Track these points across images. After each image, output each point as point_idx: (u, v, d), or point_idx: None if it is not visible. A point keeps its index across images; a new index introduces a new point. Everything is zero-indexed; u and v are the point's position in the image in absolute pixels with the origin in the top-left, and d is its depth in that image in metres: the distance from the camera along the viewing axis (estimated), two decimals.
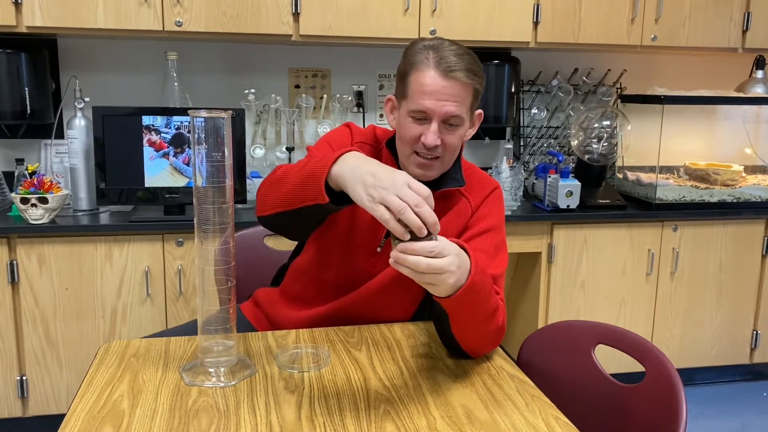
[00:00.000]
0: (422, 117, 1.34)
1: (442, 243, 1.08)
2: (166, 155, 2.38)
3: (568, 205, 2.63)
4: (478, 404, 1.14)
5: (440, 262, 1.06)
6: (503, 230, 1.46)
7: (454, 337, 1.27)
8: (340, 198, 1.13)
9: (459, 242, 1.16)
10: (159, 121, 2.35)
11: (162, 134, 2.36)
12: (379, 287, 1.45)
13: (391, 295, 1.46)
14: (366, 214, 1.45)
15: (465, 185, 1.45)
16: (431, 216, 1.03)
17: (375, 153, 1.48)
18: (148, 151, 2.36)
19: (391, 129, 1.49)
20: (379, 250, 1.46)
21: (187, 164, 2.39)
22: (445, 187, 1.43)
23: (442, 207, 1.45)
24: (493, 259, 1.38)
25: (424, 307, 1.55)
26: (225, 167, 1.16)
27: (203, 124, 1.13)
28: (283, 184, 1.24)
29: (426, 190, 1.05)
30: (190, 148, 2.37)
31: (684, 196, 2.82)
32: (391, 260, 1.05)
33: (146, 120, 2.35)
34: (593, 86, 3.08)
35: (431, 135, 1.33)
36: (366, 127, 1.54)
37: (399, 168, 1.43)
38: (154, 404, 1.11)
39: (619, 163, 3.08)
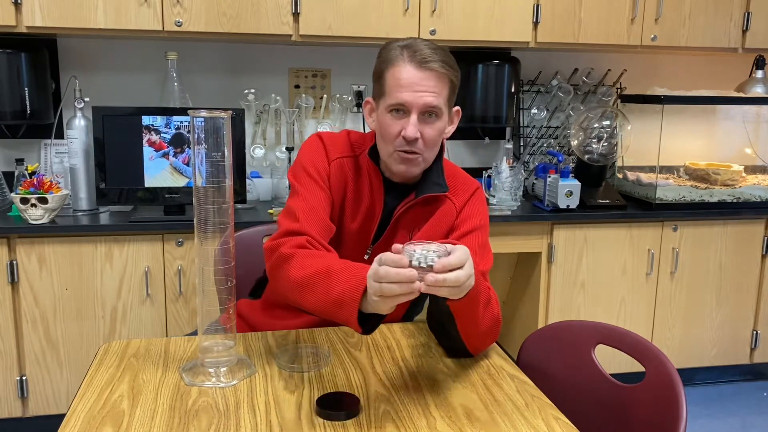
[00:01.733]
0: (401, 110, 1.35)
1: (461, 248, 1.08)
2: (166, 155, 2.38)
3: (568, 205, 2.62)
4: (478, 404, 1.14)
5: (469, 268, 1.08)
6: (487, 229, 1.48)
7: (458, 338, 1.27)
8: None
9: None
10: (159, 121, 2.35)
11: (162, 134, 2.36)
12: None
13: None
14: (354, 223, 1.46)
15: (449, 191, 1.46)
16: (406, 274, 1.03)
17: (354, 164, 1.47)
18: (148, 151, 2.36)
19: (370, 130, 1.49)
20: (366, 257, 1.46)
21: (187, 164, 2.39)
22: (429, 192, 1.44)
23: (426, 211, 1.46)
24: (482, 258, 1.40)
25: (413, 307, 1.57)
26: (225, 167, 1.16)
27: (203, 124, 1.14)
28: (305, 298, 1.23)
29: (395, 257, 1.04)
30: (190, 148, 2.37)
31: (684, 196, 2.82)
32: (424, 287, 1.03)
33: (146, 120, 2.35)
34: (593, 86, 3.08)
35: (411, 127, 1.34)
36: (339, 132, 1.53)
37: (381, 173, 1.46)
38: (154, 404, 1.11)
39: (619, 163, 3.08)
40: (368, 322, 1.15)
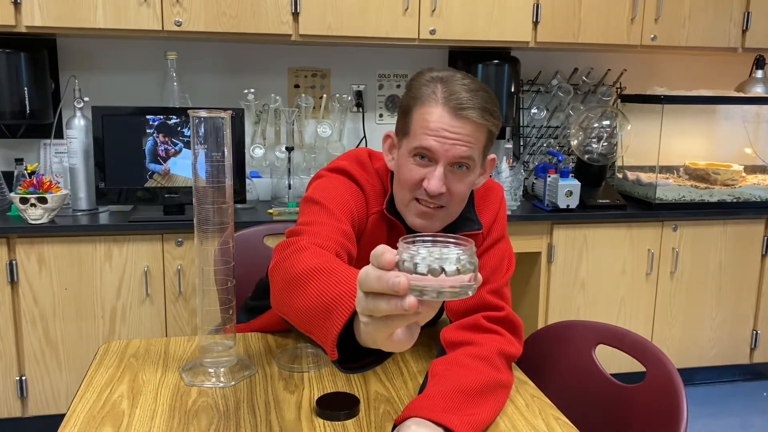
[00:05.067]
0: (426, 156, 1.16)
1: None
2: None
3: (568, 205, 2.62)
4: None
5: None
6: (507, 236, 1.37)
7: None
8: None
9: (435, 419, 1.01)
10: (159, 121, 2.35)
11: (162, 134, 2.36)
12: None
13: None
14: (373, 245, 1.27)
15: (483, 228, 1.29)
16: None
17: (386, 218, 1.27)
18: (147, 151, 2.36)
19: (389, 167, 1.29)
20: None
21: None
22: (461, 231, 1.26)
23: None
24: (496, 272, 1.30)
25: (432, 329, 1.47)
26: (225, 167, 1.16)
27: (203, 124, 1.13)
28: (293, 300, 0.91)
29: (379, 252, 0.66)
30: (189, 148, 2.37)
31: (684, 196, 2.82)
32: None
33: (146, 120, 2.34)
34: (593, 86, 3.08)
35: (435, 181, 1.14)
36: (370, 170, 1.29)
37: (402, 224, 1.26)
38: (154, 404, 1.11)
39: (618, 163, 3.08)
40: (358, 358, 0.80)
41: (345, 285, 0.81)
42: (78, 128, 2.41)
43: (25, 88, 2.43)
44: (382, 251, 0.64)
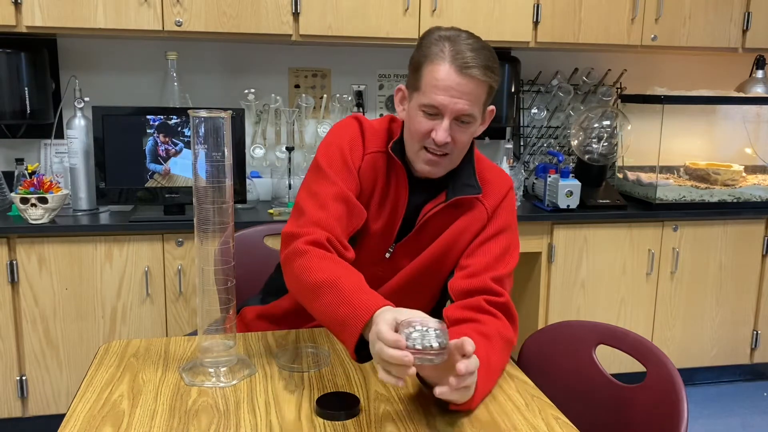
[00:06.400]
0: (434, 112, 1.29)
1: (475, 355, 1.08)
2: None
3: (568, 205, 2.62)
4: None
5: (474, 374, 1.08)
6: (515, 229, 1.43)
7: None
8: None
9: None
10: (159, 121, 2.35)
11: (162, 134, 2.36)
12: (392, 291, 1.40)
13: (404, 299, 1.34)
14: (377, 223, 1.39)
15: (482, 193, 1.40)
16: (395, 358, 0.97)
17: (387, 159, 1.40)
18: (148, 151, 2.36)
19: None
20: (387, 255, 1.41)
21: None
22: (460, 194, 1.38)
23: (455, 214, 1.39)
24: (501, 261, 1.36)
25: (437, 309, 1.51)
26: (225, 167, 1.16)
27: (203, 124, 1.13)
28: (310, 304, 1.20)
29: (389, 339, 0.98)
30: (189, 148, 2.37)
31: (684, 196, 2.82)
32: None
33: (146, 120, 2.35)
34: (593, 86, 3.08)
35: (442, 132, 1.28)
36: (381, 119, 1.46)
37: (406, 168, 1.40)
38: (154, 404, 1.11)
39: (619, 163, 3.08)
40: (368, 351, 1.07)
41: (348, 306, 1.10)
42: (78, 128, 2.41)
43: (26, 88, 2.43)
44: (395, 340, 0.97)
